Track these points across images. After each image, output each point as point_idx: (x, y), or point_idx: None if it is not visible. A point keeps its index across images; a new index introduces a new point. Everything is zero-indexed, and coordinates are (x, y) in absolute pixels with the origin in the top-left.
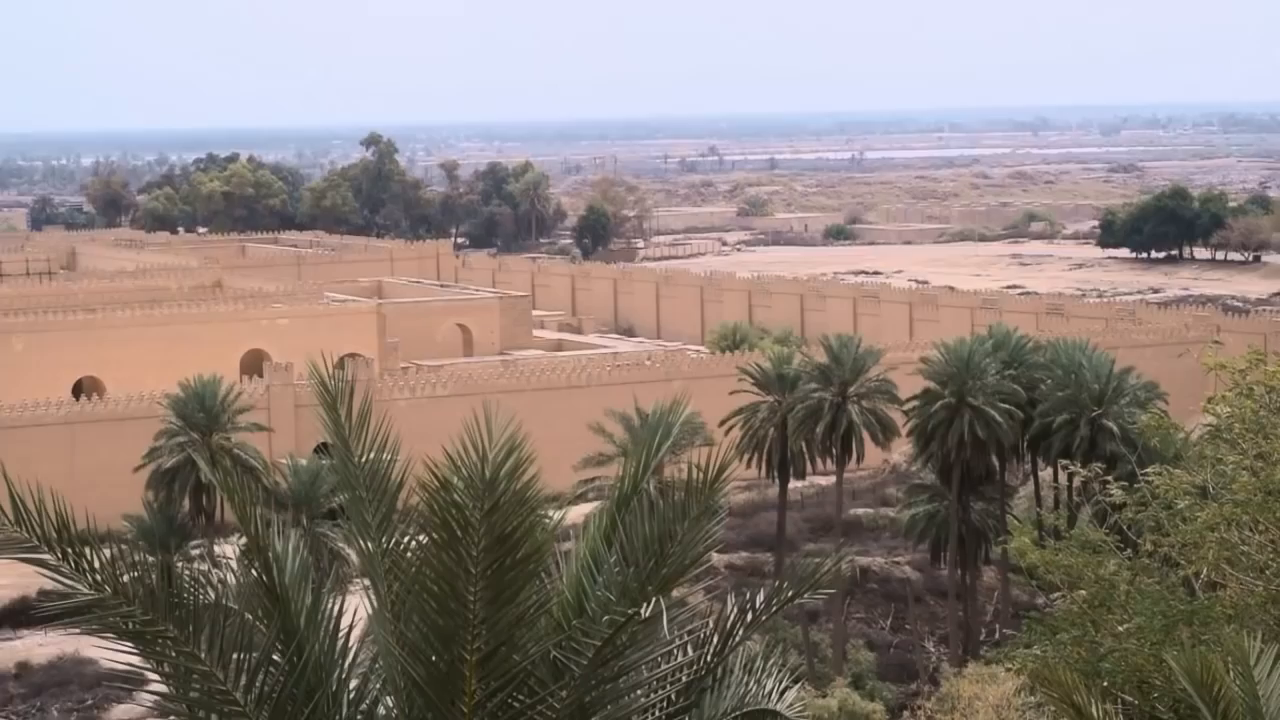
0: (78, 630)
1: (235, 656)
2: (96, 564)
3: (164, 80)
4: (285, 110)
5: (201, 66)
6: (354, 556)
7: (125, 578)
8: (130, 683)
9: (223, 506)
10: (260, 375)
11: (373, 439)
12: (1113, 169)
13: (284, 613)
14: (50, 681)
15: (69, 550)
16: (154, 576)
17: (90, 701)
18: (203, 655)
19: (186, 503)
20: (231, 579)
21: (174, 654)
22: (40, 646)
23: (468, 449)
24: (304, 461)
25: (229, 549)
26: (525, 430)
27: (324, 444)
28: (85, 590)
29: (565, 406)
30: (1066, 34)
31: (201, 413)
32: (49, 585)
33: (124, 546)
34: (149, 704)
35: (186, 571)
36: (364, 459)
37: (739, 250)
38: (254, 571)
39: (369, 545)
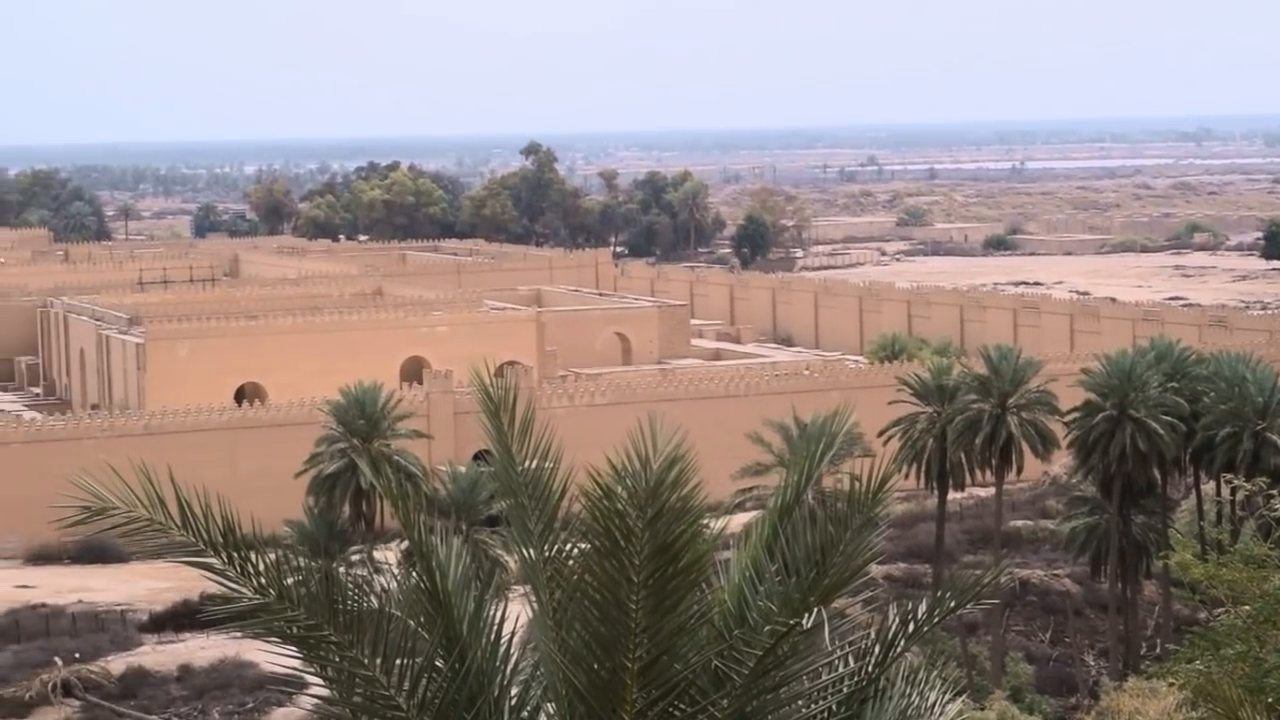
0: (242, 634)
1: (399, 662)
2: (261, 568)
3: (327, 90)
4: (446, 119)
5: (364, 76)
6: (512, 563)
7: (289, 583)
8: (291, 687)
9: (382, 512)
10: (420, 382)
11: (535, 446)
12: (1277, 179)
13: (447, 619)
14: (212, 684)
15: (234, 554)
16: (317, 582)
17: (251, 705)
18: (366, 660)
19: (347, 508)
20: (392, 585)
21: (338, 659)
22: (202, 649)
23: (631, 458)
24: (463, 468)
25: (389, 555)
26: (683, 439)
27: (483, 451)
28: (250, 594)
29: (723, 416)
30: (1230, 43)
31: (362, 419)
32: (212, 589)
33: (286, 552)
34: (309, 708)
35: (347, 577)
36: (526, 466)
37: (898, 260)
38: (417, 577)
39: (531, 552)
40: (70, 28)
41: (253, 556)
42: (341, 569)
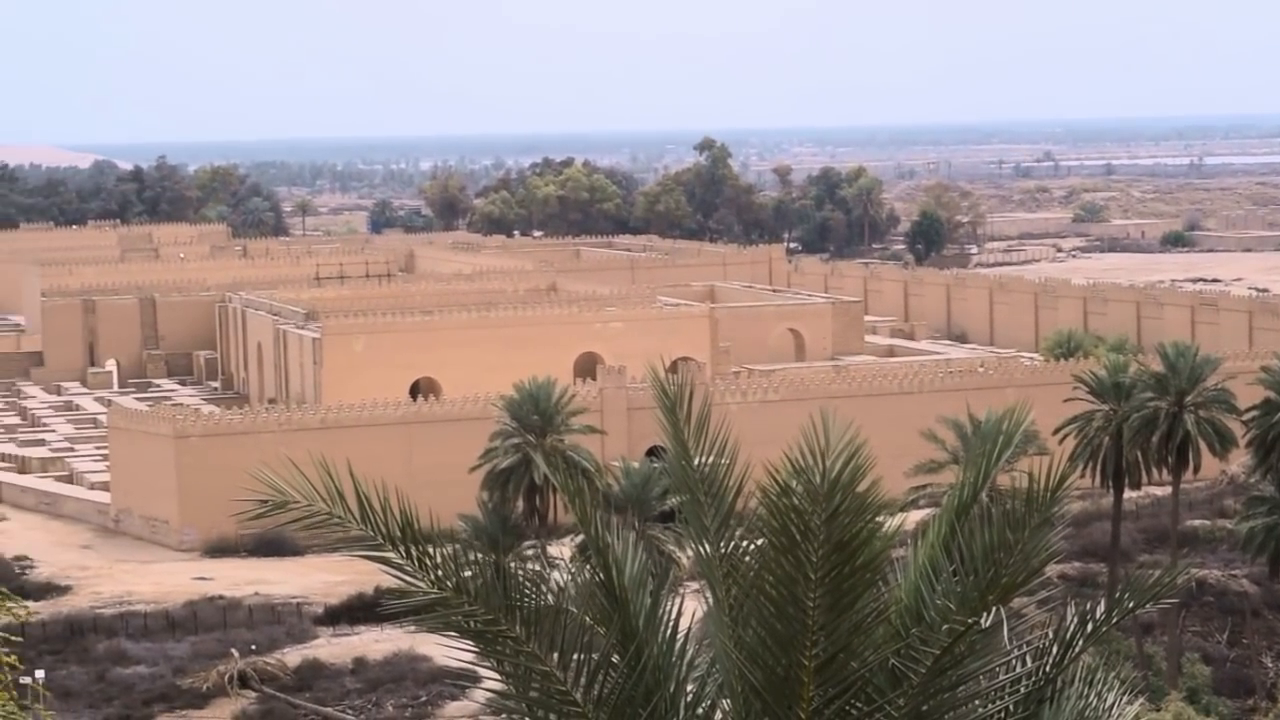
0: (418, 628)
1: (575, 658)
2: (439, 563)
3: (502, 86)
4: (620, 115)
5: (540, 73)
6: (685, 559)
7: (467, 576)
8: (465, 681)
9: (556, 507)
10: (593, 378)
11: (711, 442)
12: None
13: (623, 614)
14: (386, 677)
15: (413, 549)
16: (493, 576)
17: (424, 698)
18: (543, 656)
19: (520, 503)
20: (565, 580)
21: (515, 654)
22: (377, 642)
23: (807, 454)
24: (636, 464)
25: (562, 550)
26: (858, 436)
27: (656, 447)
28: (428, 589)
29: (896, 412)
30: None
31: (536, 415)
32: (387, 582)
33: (460, 546)
34: (482, 702)
35: (521, 572)
36: (702, 462)
37: (1074, 256)
38: (593, 573)
39: (706, 548)
40: (249, 27)
41: (430, 551)
42: (514, 564)
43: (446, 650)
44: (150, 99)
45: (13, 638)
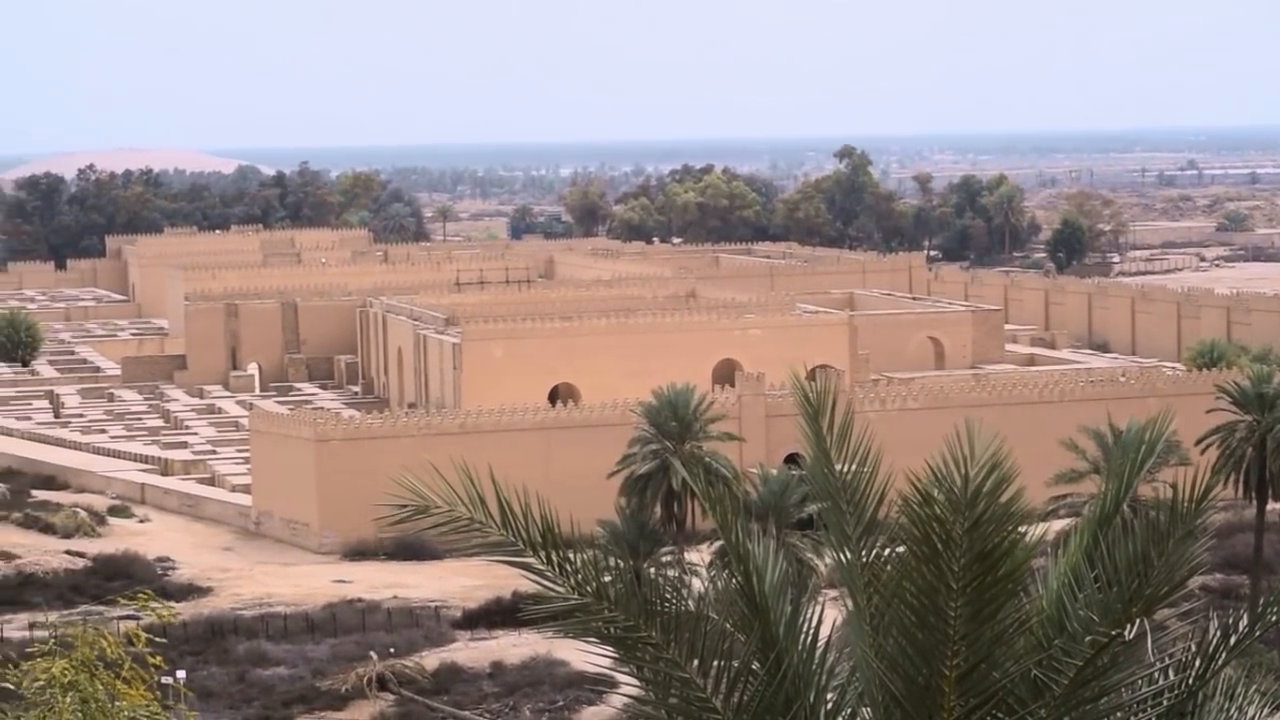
0: (557, 633)
1: (715, 664)
2: (579, 569)
3: (642, 93)
4: (760, 122)
5: (679, 79)
6: (822, 567)
7: (606, 582)
8: (603, 686)
9: (693, 514)
10: (731, 385)
11: (853, 450)
12: None
13: (763, 622)
14: (523, 681)
15: (553, 554)
16: (632, 582)
17: (561, 702)
18: (683, 662)
19: (658, 509)
20: (703, 586)
21: (655, 660)
22: (514, 647)
23: (949, 463)
24: (774, 471)
25: (699, 556)
26: (1000, 445)
27: (795, 454)
28: (569, 594)
29: (1036, 422)
30: None
31: (674, 421)
32: (525, 587)
33: (599, 552)
34: (620, 707)
35: (661, 578)
36: (845, 470)
37: (1217, 266)
38: (732, 580)
39: (848, 556)
40: (392, 34)
41: (570, 556)
42: (653, 570)
43: (585, 655)
44: (293, 105)
45: (156, 638)
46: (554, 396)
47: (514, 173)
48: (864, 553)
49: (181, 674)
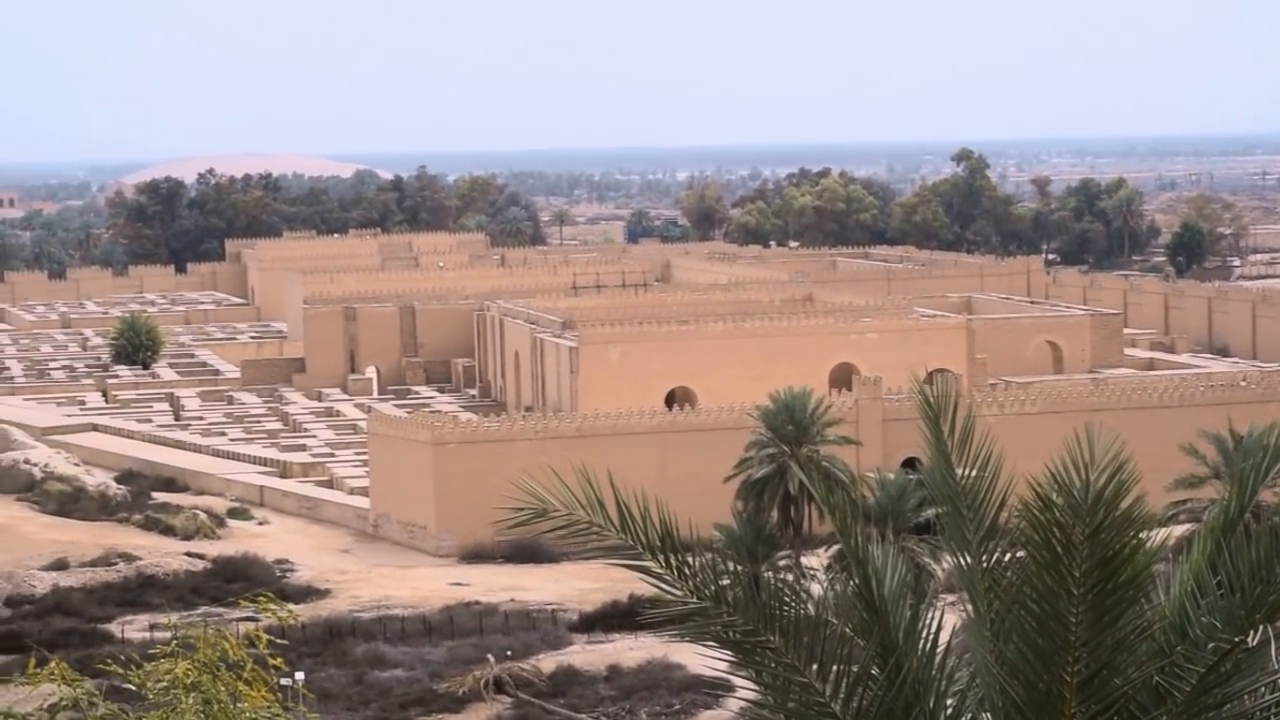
0: (675, 637)
1: (834, 669)
2: (697, 572)
3: (758, 96)
4: (877, 125)
5: (795, 83)
6: (939, 571)
7: (725, 585)
8: (720, 689)
9: (810, 518)
10: (848, 389)
11: (973, 455)
12: None
13: (883, 626)
14: (639, 685)
15: (672, 558)
16: (750, 586)
17: (678, 706)
18: (802, 666)
19: (775, 513)
20: (819, 591)
21: (774, 664)
22: (631, 650)
23: (1069, 469)
24: (891, 475)
25: (816, 560)
26: (1121, 450)
27: (911, 458)
28: (687, 598)
29: (1156, 427)
30: None
31: (791, 425)
32: (641, 590)
33: (715, 555)
34: (737, 711)
35: (779, 582)
36: (965, 475)
37: None
38: (851, 584)
39: (968, 561)
40: (508, 38)
41: (689, 560)
42: (769, 574)
43: (702, 659)
44: (411, 110)
45: (276, 640)
46: (670, 400)
47: (630, 177)
48: (984, 558)
49: (300, 675)
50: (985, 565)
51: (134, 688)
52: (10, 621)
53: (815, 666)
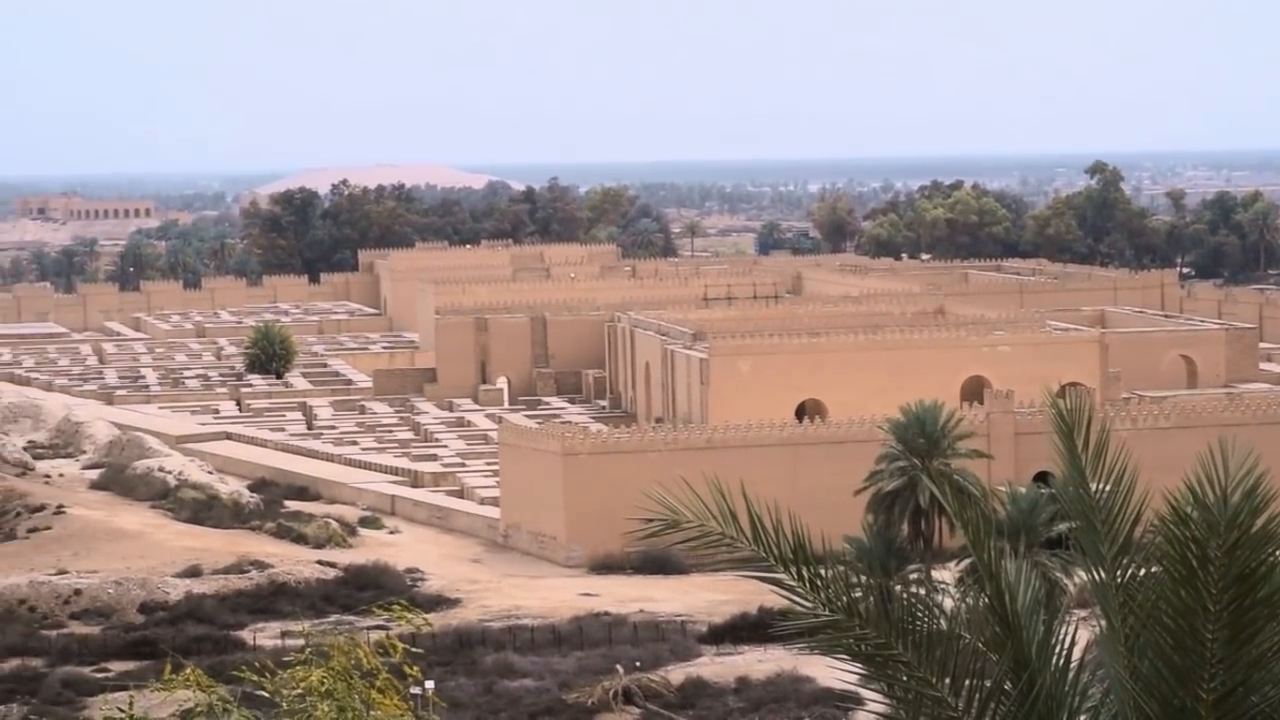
0: (807, 649)
1: (967, 684)
2: (830, 585)
3: (890, 108)
4: (1010, 138)
5: (927, 95)
6: (1071, 586)
7: (858, 599)
8: (849, 703)
9: (940, 531)
10: (980, 402)
11: (1108, 469)
12: None
13: (1016, 641)
14: (768, 697)
15: (804, 570)
16: (880, 599)
17: (805, 718)
18: (935, 681)
19: (905, 527)
20: (955, 605)
21: (906, 678)
22: (760, 662)
23: (1204, 484)
24: (1023, 489)
25: (945, 574)
26: (1257, 465)
27: (1043, 472)
28: (820, 611)
29: None
30: None
31: (922, 438)
32: (770, 602)
33: (847, 568)
34: None
35: (911, 596)
36: (1099, 489)
37: None
38: (983, 598)
39: (1102, 577)
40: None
41: (821, 573)
42: (899, 587)
43: (832, 671)
44: (543, 121)
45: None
46: (800, 412)
47: (762, 188)
48: (1119, 573)
49: (430, 684)
50: (1120, 581)
51: (268, 695)
52: (144, 628)
53: (948, 681)
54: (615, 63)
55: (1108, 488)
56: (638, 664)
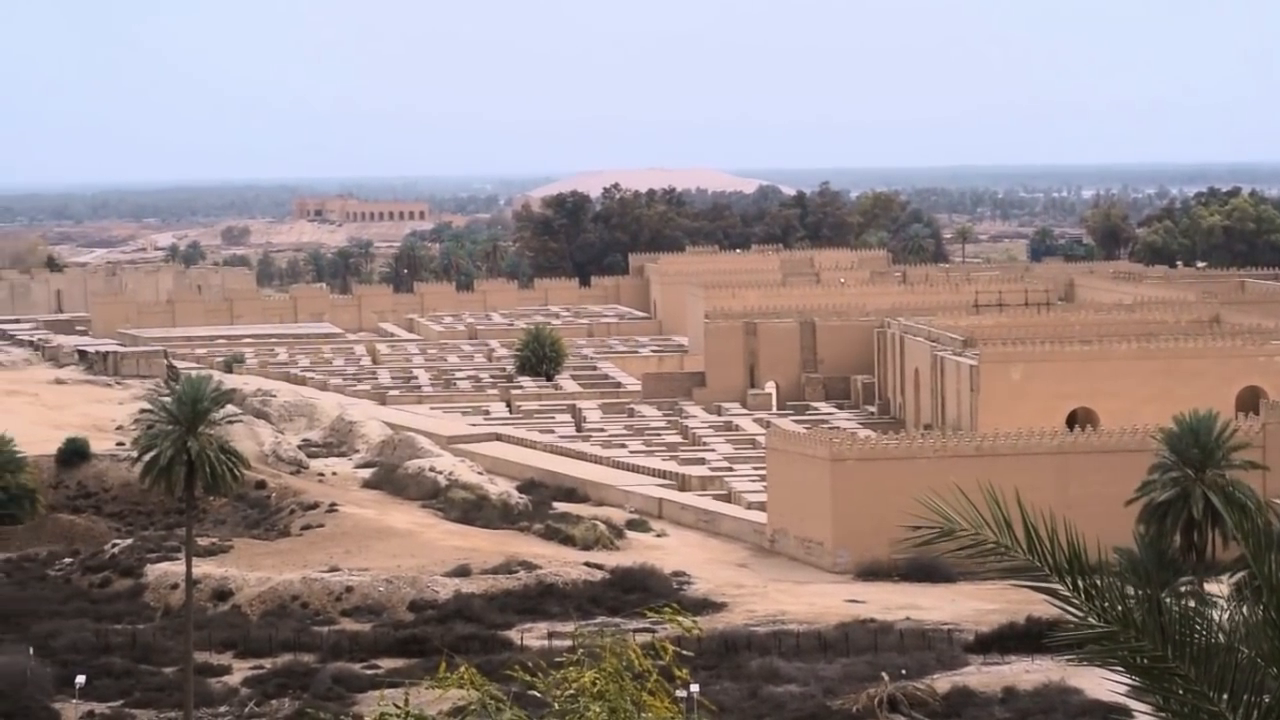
0: (1079, 660)
1: (1245, 698)
2: (1104, 596)
3: (1164, 115)
4: None
5: (1202, 102)
6: None
7: (1133, 609)
8: (1118, 715)
9: (1214, 544)
10: (1255, 412)
11: None
12: None
13: None
14: (1035, 708)
15: (1079, 581)
16: (1154, 611)
17: None
18: (1212, 695)
19: (1177, 538)
20: (1232, 618)
21: (1183, 691)
22: (1027, 673)
23: None
24: None
25: (1218, 587)
26: None
27: None
28: (1095, 621)
29: None
30: None
31: (1195, 448)
32: (1038, 612)
33: (1116, 579)
34: None
35: (1184, 608)
36: None
37: None
38: (1260, 611)
39: None
40: (914, 57)
41: (1097, 583)
42: (1171, 600)
43: (1102, 684)
44: (816, 126)
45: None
46: (1072, 421)
47: (1035, 195)
48: None
49: (695, 688)
50: None
51: (539, 694)
52: (414, 625)
53: (1225, 695)
54: (889, 71)
55: None
56: (903, 672)
